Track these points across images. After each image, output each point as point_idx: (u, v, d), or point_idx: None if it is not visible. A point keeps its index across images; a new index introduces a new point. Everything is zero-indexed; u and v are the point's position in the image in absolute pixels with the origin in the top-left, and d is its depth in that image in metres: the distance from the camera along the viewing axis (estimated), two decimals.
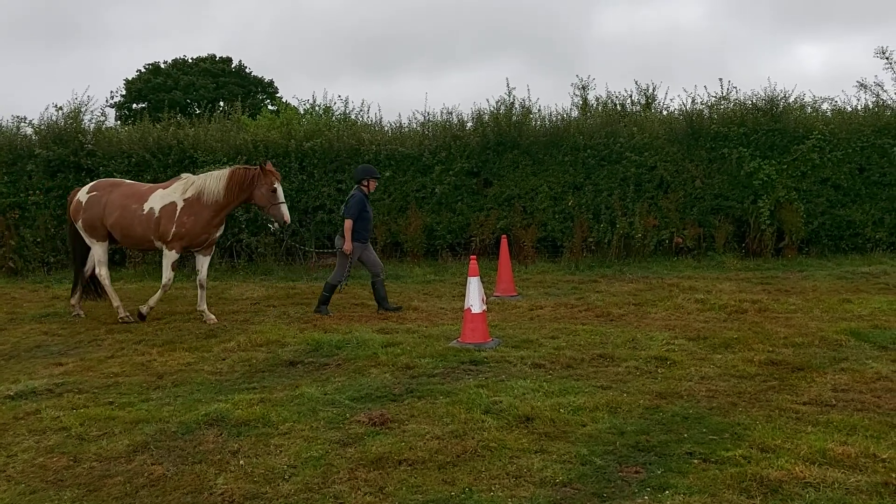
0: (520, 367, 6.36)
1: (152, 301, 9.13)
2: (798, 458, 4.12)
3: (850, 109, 15.33)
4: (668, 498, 3.72)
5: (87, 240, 9.39)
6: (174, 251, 8.98)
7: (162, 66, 43.36)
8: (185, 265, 14.19)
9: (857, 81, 17.10)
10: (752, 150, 14.02)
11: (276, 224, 9.25)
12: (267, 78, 45.67)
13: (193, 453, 4.53)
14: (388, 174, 14.40)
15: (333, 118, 16.32)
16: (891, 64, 16.67)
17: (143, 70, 43.02)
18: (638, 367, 6.30)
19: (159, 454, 4.52)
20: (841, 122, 14.47)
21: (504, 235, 11.72)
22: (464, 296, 7.58)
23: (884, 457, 4.10)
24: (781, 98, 14.60)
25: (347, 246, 9.29)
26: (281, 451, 4.49)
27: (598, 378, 5.99)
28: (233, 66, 45.08)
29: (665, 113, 15.98)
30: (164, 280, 9.05)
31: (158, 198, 9.04)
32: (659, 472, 4.05)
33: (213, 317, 8.99)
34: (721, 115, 14.53)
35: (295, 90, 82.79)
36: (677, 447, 4.40)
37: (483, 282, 7.80)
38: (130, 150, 14.56)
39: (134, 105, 40.45)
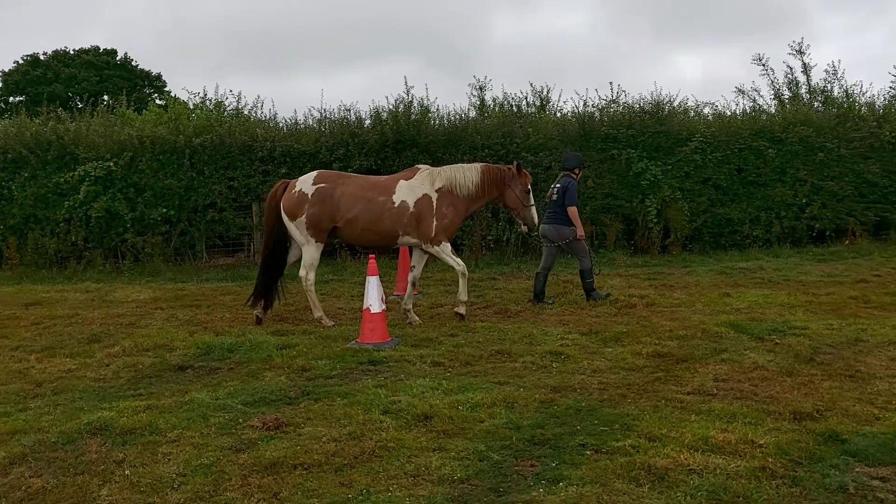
0: (419, 366, 6.36)
1: (463, 295, 8.52)
2: (683, 445, 4.31)
3: (728, 113, 16.28)
4: (562, 490, 3.80)
5: (303, 238, 8.36)
6: (443, 243, 8.41)
7: (42, 57, 40.85)
8: (65, 266, 13.45)
9: (736, 87, 18.22)
10: (639, 152, 14.60)
11: (525, 227, 9.09)
12: (155, 71, 43.88)
13: (75, 464, 4.28)
14: (283, 171, 14.12)
15: (225, 114, 15.82)
16: (767, 70, 17.82)
17: (20, 61, 40.41)
18: (534, 363, 6.43)
19: (38, 466, 4.25)
20: (721, 126, 15.31)
21: None
22: (363, 296, 7.52)
23: (761, 442, 4.34)
24: (666, 102, 15.34)
25: (581, 231, 9.63)
26: (169, 460, 4.30)
27: (496, 374, 6.06)
28: (118, 58, 43.02)
29: (559, 115, 16.45)
30: (460, 268, 8.45)
31: (407, 190, 8.40)
32: (553, 465, 4.13)
33: (417, 318, 8.51)
34: (611, 117, 15.09)
35: (185, 85, 79.63)
36: (571, 439, 4.51)
37: (383, 281, 7.76)
38: (6, 146, 13.71)
39: (10, 98, 37.97)
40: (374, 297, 7.28)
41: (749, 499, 3.66)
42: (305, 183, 8.43)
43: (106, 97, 23.19)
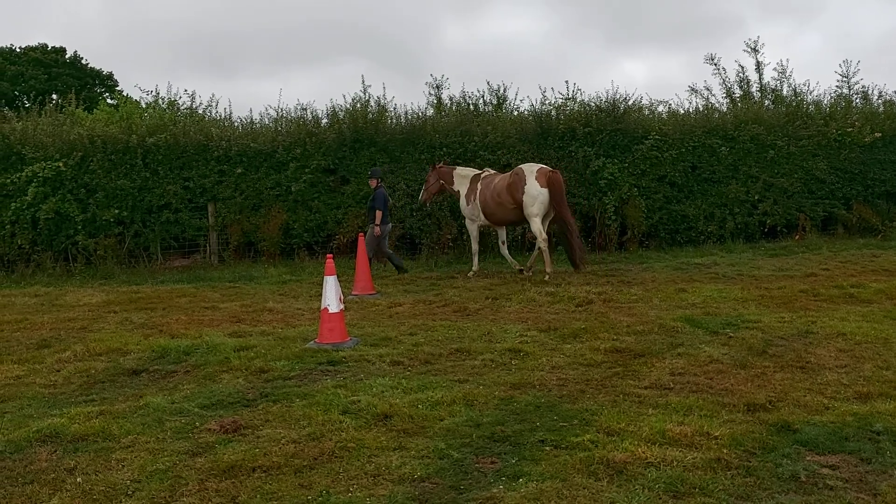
0: (378, 366, 6.33)
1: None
2: (640, 439, 4.36)
3: (682, 112, 16.52)
4: (522, 486, 3.82)
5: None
6: None
7: None
8: (13, 270, 13.08)
9: (689, 86, 18.50)
10: (596, 150, 14.74)
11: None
12: (106, 70, 42.97)
13: (24, 473, 4.15)
14: (239, 171, 13.95)
15: (179, 113, 15.55)
16: (719, 69, 18.16)
17: None
18: (493, 360, 6.44)
19: None
20: (675, 124, 15.54)
21: (361, 233, 11.65)
22: (321, 296, 7.45)
23: (716, 434, 4.41)
24: (622, 101, 15.47)
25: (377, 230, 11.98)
26: (123, 466, 4.20)
27: (456, 372, 6.07)
28: (67, 56, 42.00)
29: (516, 113, 16.51)
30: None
31: None
32: (513, 461, 4.15)
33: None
34: (568, 115, 15.19)
35: (137, 83, 77.97)
36: (530, 436, 4.53)
37: (341, 281, 7.70)
38: None
39: None
40: (332, 296, 7.22)
41: (705, 490, 3.72)
42: None
43: (55, 96, 22.56)
